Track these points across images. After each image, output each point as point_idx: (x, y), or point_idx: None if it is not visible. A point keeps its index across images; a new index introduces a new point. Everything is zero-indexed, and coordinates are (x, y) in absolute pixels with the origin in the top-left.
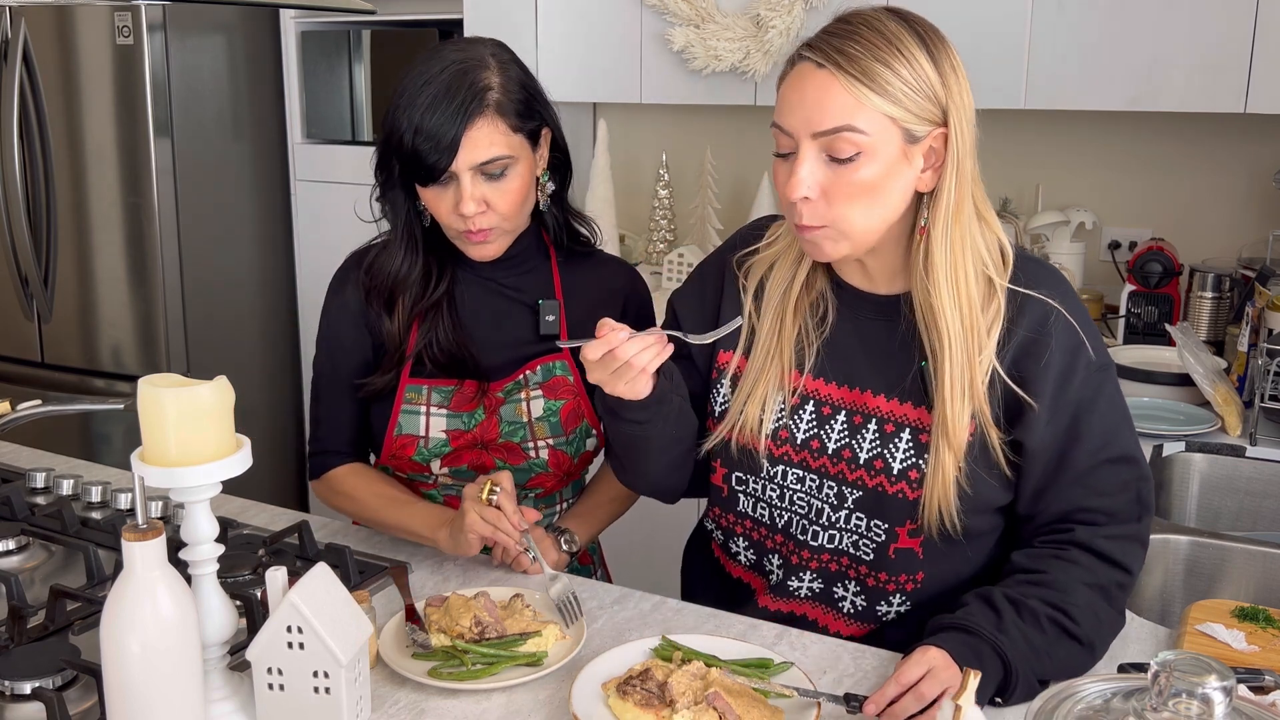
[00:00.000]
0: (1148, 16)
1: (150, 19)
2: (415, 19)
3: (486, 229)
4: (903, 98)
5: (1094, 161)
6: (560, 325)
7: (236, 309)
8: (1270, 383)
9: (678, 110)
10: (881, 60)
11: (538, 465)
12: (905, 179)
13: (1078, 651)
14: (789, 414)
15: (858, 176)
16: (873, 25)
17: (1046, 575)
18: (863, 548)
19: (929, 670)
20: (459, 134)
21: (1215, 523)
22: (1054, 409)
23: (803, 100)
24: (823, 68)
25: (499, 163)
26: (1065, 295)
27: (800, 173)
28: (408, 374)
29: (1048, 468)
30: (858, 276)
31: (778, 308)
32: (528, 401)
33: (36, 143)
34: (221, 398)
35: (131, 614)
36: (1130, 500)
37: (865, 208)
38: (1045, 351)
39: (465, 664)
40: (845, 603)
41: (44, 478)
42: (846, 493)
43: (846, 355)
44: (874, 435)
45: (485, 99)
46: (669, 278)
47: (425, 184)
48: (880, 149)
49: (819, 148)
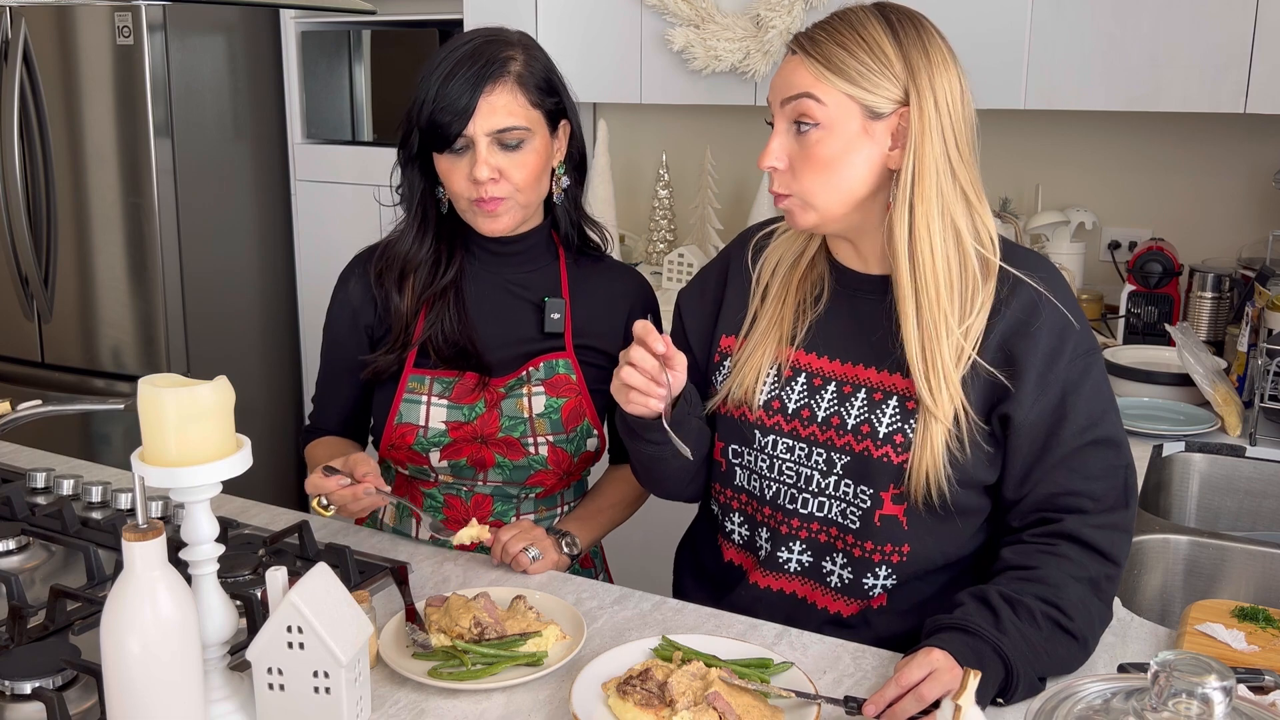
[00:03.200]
0: (1148, 17)
1: (150, 19)
2: (415, 19)
3: (499, 198)
4: (858, 77)
5: (1094, 161)
6: (565, 324)
7: (237, 309)
8: (1270, 383)
9: (678, 110)
10: (841, 44)
11: (537, 462)
12: (867, 154)
13: (1073, 647)
14: (782, 385)
15: (819, 150)
16: (845, 18)
17: (1038, 571)
18: (850, 515)
19: (932, 672)
20: (477, 97)
21: (1215, 523)
22: (1041, 386)
23: (778, 78)
24: (794, 54)
25: (515, 133)
26: (1053, 279)
27: (772, 144)
28: (411, 363)
29: (1034, 445)
30: (852, 258)
31: (782, 283)
32: (529, 397)
33: (36, 143)
34: (221, 398)
35: (131, 614)
36: (1116, 486)
37: (825, 179)
38: (1034, 331)
39: (465, 664)
40: (833, 577)
41: (44, 478)
42: (835, 458)
43: (840, 332)
44: (862, 403)
45: (507, 68)
46: (669, 278)
47: (442, 149)
48: (838, 123)
49: (786, 118)
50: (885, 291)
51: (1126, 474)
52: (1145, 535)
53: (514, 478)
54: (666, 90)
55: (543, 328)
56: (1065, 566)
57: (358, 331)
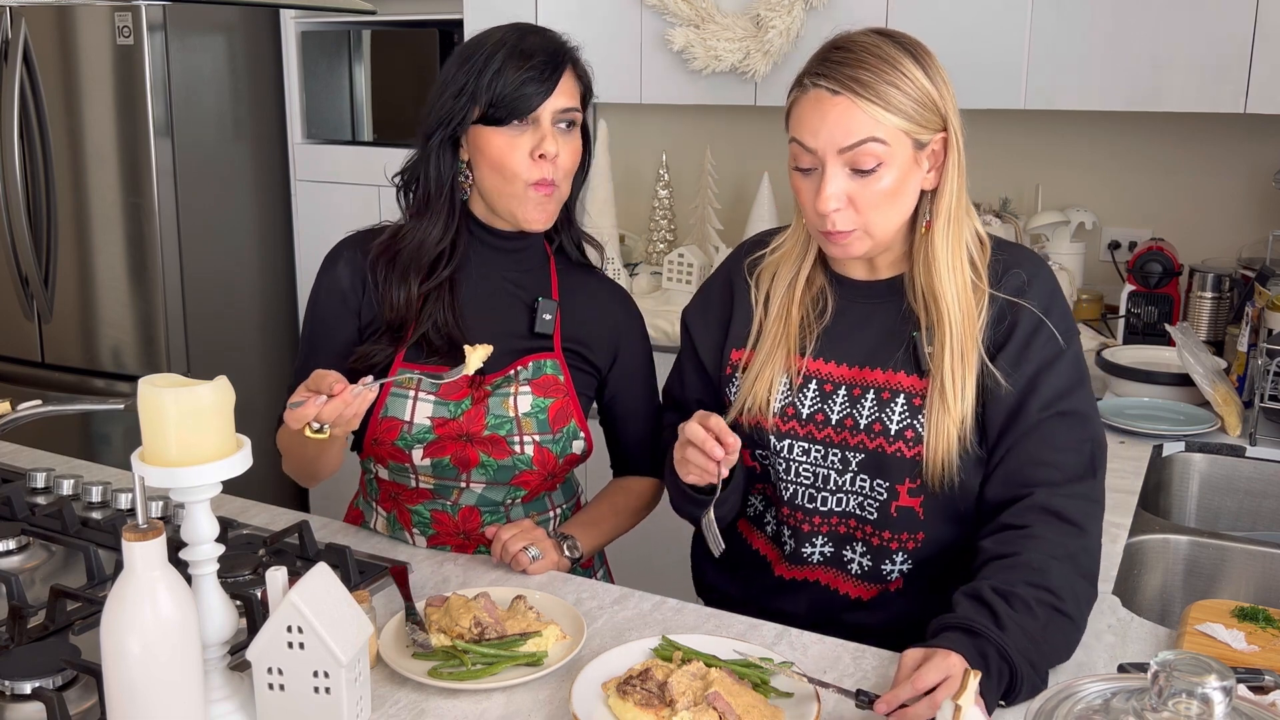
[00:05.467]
0: (1148, 17)
1: (150, 19)
2: (415, 19)
3: (554, 184)
4: (911, 112)
5: (1094, 161)
6: (555, 326)
7: (237, 309)
8: (1270, 383)
9: (678, 110)
10: (889, 82)
11: (522, 461)
12: (915, 181)
13: (1068, 627)
14: (794, 393)
15: (880, 185)
16: (872, 50)
17: (1019, 556)
18: (867, 508)
19: (948, 678)
20: (558, 75)
21: (1215, 523)
22: (1016, 362)
23: (825, 123)
24: (839, 94)
25: (572, 114)
26: (1040, 270)
27: (828, 189)
28: (402, 358)
29: (1005, 416)
30: (860, 269)
31: (783, 301)
32: (515, 396)
33: (37, 143)
34: (221, 398)
35: (132, 614)
36: (1083, 459)
37: (887, 211)
38: (1016, 312)
39: (465, 664)
40: (853, 564)
41: (44, 478)
42: (850, 457)
43: (846, 338)
44: (872, 403)
45: (574, 54)
46: (669, 278)
47: (509, 121)
48: (896, 158)
49: (843, 163)
50: (893, 295)
51: (1094, 447)
52: (1145, 535)
53: (498, 478)
54: (666, 90)
55: (533, 328)
56: (1043, 547)
57: (347, 314)
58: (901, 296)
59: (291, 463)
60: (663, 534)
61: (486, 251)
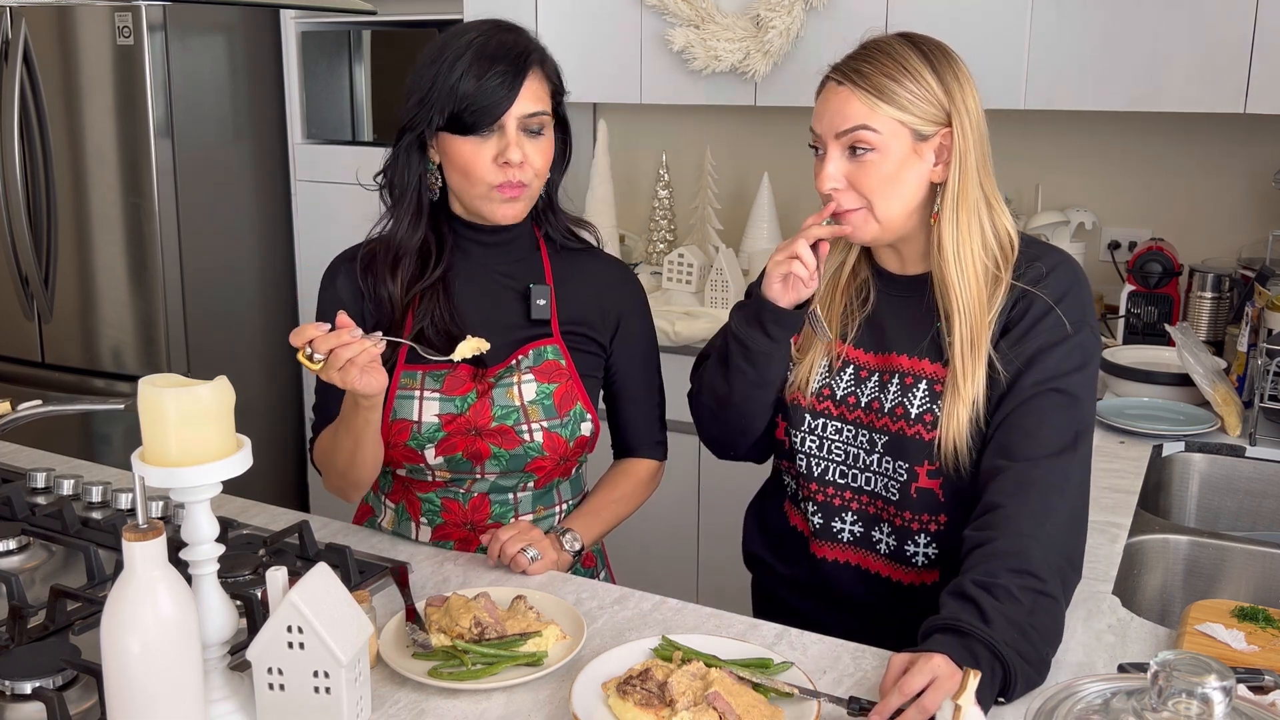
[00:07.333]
0: (1148, 17)
1: (150, 19)
2: (415, 19)
3: (524, 184)
4: (908, 105)
5: (1094, 161)
6: (551, 310)
7: (237, 309)
8: (1270, 383)
9: (678, 110)
10: (889, 76)
11: (533, 449)
12: (918, 171)
13: (1054, 607)
14: (832, 376)
15: (878, 170)
16: (884, 49)
17: (998, 543)
18: (890, 489)
19: (934, 680)
20: (520, 80)
21: (1215, 523)
22: (1019, 342)
23: (827, 109)
24: (842, 85)
25: (539, 118)
26: (1061, 263)
27: (828, 169)
28: (403, 360)
29: (1006, 390)
30: (893, 262)
31: (828, 287)
32: (519, 385)
33: (37, 143)
34: (221, 398)
35: (132, 614)
36: (1065, 436)
37: (887, 194)
38: (1030, 299)
39: (465, 664)
40: (881, 544)
41: (44, 478)
42: (876, 439)
43: (882, 327)
44: (896, 388)
45: (539, 55)
46: (669, 278)
47: (473, 131)
48: (891, 146)
49: (841, 146)
50: (921, 289)
51: (1079, 428)
52: (1145, 535)
53: (511, 466)
54: (666, 90)
55: (529, 315)
56: (1019, 526)
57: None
58: (928, 289)
59: (331, 468)
60: (663, 534)
61: (473, 248)
